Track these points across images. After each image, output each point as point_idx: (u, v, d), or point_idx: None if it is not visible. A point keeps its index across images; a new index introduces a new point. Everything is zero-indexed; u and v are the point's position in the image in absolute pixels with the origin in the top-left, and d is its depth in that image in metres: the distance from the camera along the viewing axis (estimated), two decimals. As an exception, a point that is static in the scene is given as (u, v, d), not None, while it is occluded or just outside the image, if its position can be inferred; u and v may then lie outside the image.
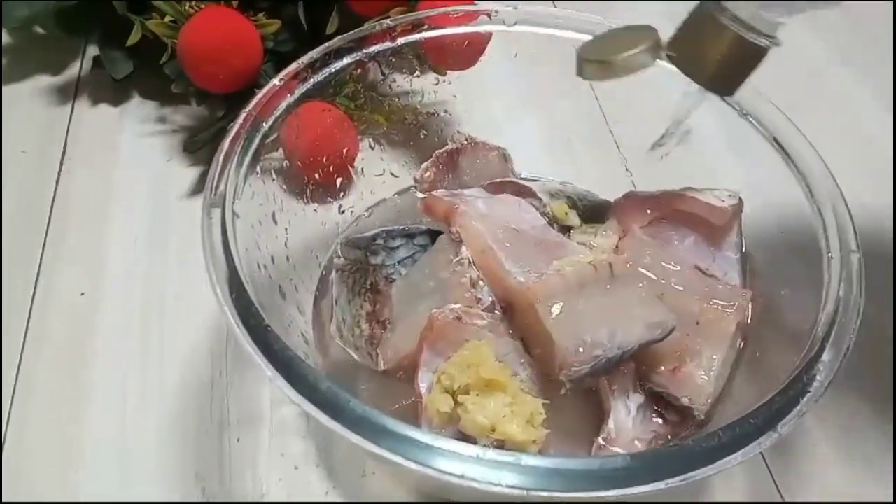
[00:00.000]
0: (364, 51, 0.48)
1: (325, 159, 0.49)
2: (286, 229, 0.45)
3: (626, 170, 0.55)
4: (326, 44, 0.47)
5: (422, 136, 0.55)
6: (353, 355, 0.42)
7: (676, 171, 0.47)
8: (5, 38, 0.69)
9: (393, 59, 0.51)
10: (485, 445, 0.34)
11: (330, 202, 0.51)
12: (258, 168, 0.42)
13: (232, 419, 0.46)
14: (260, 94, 0.42)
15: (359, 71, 0.49)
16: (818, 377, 0.33)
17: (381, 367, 0.41)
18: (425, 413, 0.38)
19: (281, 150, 0.46)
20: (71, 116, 0.63)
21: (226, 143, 0.40)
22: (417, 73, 0.53)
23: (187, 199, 0.58)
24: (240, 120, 0.41)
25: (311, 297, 0.47)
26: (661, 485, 0.29)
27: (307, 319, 0.45)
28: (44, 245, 0.54)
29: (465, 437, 0.36)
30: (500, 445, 0.36)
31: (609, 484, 0.29)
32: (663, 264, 0.44)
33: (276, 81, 0.43)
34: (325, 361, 0.44)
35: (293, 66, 0.45)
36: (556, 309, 0.39)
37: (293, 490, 0.44)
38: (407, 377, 0.41)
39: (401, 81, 0.56)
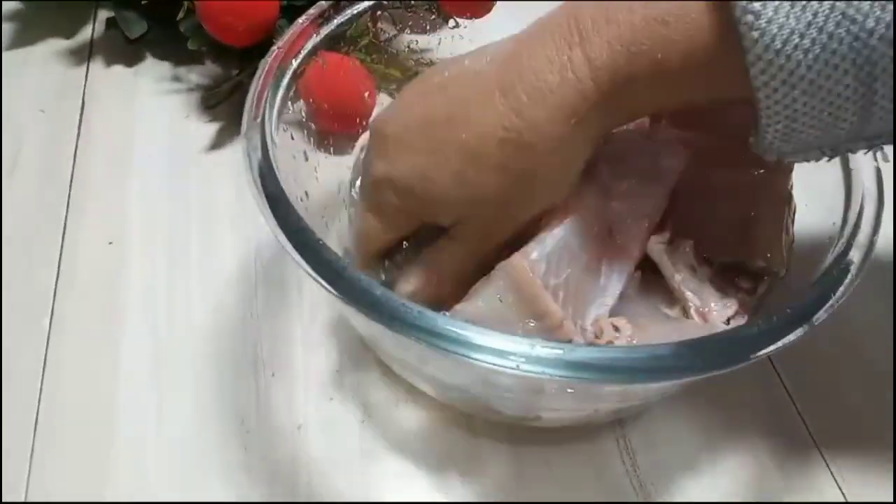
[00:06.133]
0: (382, -8, 0.49)
1: (346, 101, 0.50)
2: (316, 168, 0.46)
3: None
4: (346, -15, 0.48)
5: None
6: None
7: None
8: (16, 6, 0.69)
9: (409, 5, 0.52)
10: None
11: (352, 150, 0.52)
12: (289, 106, 0.43)
13: (265, 356, 0.47)
14: (288, 33, 0.43)
15: (378, 13, 0.50)
16: (850, 269, 0.35)
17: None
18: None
19: (304, 100, 0.47)
20: (87, 77, 0.64)
21: (260, 77, 0.40)
22: (434, 17, 0.54)
23: (207, 153, 0.59)
24: (270, 57, 0.42)
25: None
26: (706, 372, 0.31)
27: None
28: (69, 199, 0.55)
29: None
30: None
31: (653, 372, 0.31)
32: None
33: (301, 20, 0.44)
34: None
35: (314, 9, 0.46)
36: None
37: (329, 420, 0.45)
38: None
39: (416, 37, 0.57)
